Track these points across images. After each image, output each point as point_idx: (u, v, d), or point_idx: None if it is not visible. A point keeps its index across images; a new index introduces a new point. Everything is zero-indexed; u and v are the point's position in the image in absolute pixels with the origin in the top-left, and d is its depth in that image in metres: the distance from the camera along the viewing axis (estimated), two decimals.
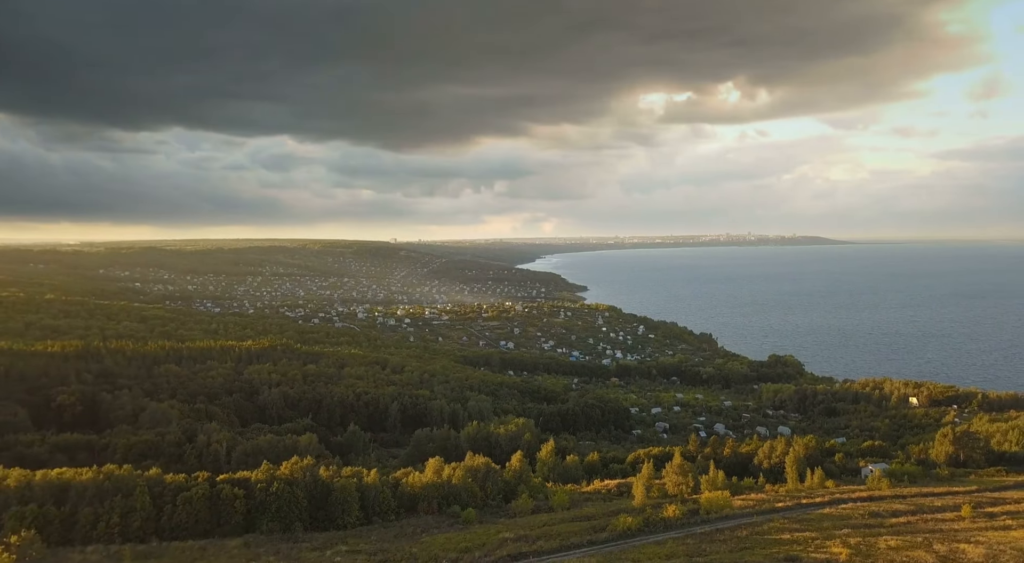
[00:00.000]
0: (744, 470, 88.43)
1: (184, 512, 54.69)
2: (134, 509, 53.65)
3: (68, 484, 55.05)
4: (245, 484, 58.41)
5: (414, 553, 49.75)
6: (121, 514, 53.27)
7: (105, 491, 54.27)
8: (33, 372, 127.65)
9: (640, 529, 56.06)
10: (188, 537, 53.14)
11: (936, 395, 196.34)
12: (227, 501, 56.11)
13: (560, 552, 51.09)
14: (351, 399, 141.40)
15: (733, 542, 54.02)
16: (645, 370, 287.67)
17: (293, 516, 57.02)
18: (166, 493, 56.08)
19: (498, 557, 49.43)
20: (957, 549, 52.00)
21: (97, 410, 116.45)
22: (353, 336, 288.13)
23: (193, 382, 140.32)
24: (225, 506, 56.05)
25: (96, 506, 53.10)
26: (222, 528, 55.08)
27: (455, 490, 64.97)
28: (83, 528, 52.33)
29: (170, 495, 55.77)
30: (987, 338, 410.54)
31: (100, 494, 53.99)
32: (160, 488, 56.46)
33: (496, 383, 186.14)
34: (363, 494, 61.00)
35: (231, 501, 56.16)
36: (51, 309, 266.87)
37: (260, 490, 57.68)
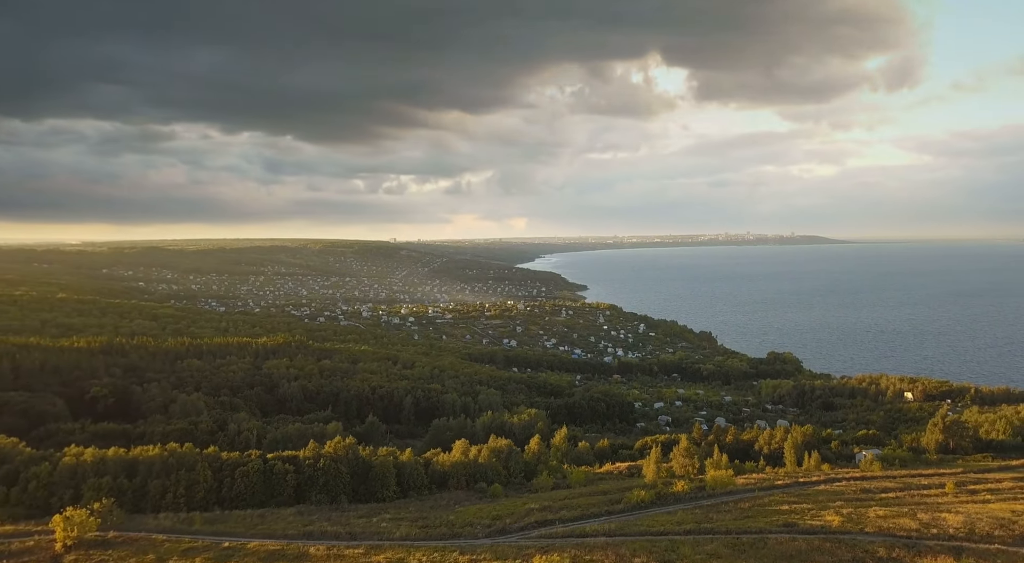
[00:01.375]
0: (746, 455, 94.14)
1: (242, 484, 60.27)
2: (197, 482, 59.22)
3: (137, 460, 60.60)
4: (294, 461, 64.05)
5: (451, 520, 55.41)
6: (186, 486, 58.85)
7: (170, 466, 59.82)
8: (66, 366, 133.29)
9: (652, 502, 61.68)
10: (246, 506, 58.74)
11: (930, 390, 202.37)
12: (279, 475, 61.70)
13: (581, 520, 56.73)
14: (367, 392, 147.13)
15: (737, 512, 59.72)
16: (646, 367, 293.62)
17: (338, 489, 62.64)
18: (224, 468, 61.65)
19: (526, 523, 55.09)
20: (938, 517, 57.71)
21: (128, 401, 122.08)
22: (360, 334, 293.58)
23: (216, 376, 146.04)
24: (278, 480, 61.64)
25: (163, 479, 58.67)
26: (276, 499, 60.69)
27: (481, 468, 70.62)
28: (153, 498, 57.91)
29: (228, 470, 61.35)
30: (983, 335, 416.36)
31: (166, 469, 59.54)
32: (218, 464, 62.04)
33: (504, 378, 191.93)
34: (399, 471, 66.66)
35: (283, 476, 61.76)
36: (64, 308, 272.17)
37: (308, 466, 63.28)
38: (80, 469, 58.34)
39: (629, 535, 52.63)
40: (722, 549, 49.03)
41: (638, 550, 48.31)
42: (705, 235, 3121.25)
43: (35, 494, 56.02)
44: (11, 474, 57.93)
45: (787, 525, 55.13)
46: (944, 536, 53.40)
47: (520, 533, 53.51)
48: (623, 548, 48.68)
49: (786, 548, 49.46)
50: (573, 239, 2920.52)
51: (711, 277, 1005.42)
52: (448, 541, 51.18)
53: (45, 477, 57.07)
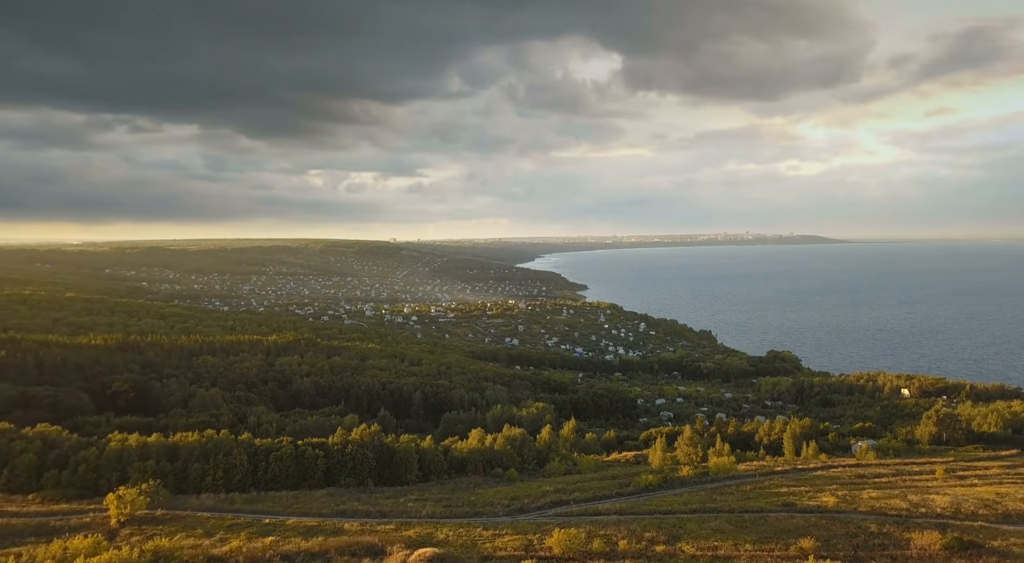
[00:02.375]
0: (746, 445, 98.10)
1: (276, 468, 64.12)
2: (235, 465, 63.05)
3: (178, 445, 64.47)
4: (324, 446, 67.96)
5: (472, 500, 59.34)
6: (224, 469, 62.70)
7: (208, 451, 63.67)
8: (86, 362, 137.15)
9: (659, 485, 65.62)
10: (280, 488, 62.61)
11: (927, 386, 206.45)
12: (310, 460, 65.58)
13: (594, 501, 60.67)
14: (377, 388, 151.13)
15: (739, 494, 63.71)
16: (647, 365, 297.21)
17: (365, 473, 66.51)
18: (259, 453, 65.51)
19: (543, 503, 59.03)
20: (927, 498, 61.77)
21: (148, 396, 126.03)
22: (364, 333, 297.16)
23: (231, 372, 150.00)
24: (309, 464, 65.51)
25: (203, 463, 62.53)
26: (307, 482, 64.53)
27: (497, 455, 74.54)
28: (193, 480, 61.76)
29: (263, 454, 65.22)
30: (980, 334, 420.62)
31: (204, 453, 63.38)
32: (252, 449, 65.89)
33: (509, 375, 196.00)
34: (421, 457, 70.57)
35: (314, 460, 65.64)
36: (74, 307, 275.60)
37: (337, 451, 67.18)
38: (126, 453, 62.21)
39: (639, 514, 56.67)
40: (725, 525, 52.97)
41: (648, 526, 52.26)
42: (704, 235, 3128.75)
43: (84, 476, 59.88)
44: (61, 458, 61.81)
45: (786, 505, 59.19)
46: (932, 515, 57.44)
47: (537, 512, 57.48)
48: (634, 524, 52.65)
49: (785, 524, 53.41)
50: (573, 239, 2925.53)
51: (710, 277, 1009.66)
52: (471, 519, 55.17)
53: (93, 461, 60.91)
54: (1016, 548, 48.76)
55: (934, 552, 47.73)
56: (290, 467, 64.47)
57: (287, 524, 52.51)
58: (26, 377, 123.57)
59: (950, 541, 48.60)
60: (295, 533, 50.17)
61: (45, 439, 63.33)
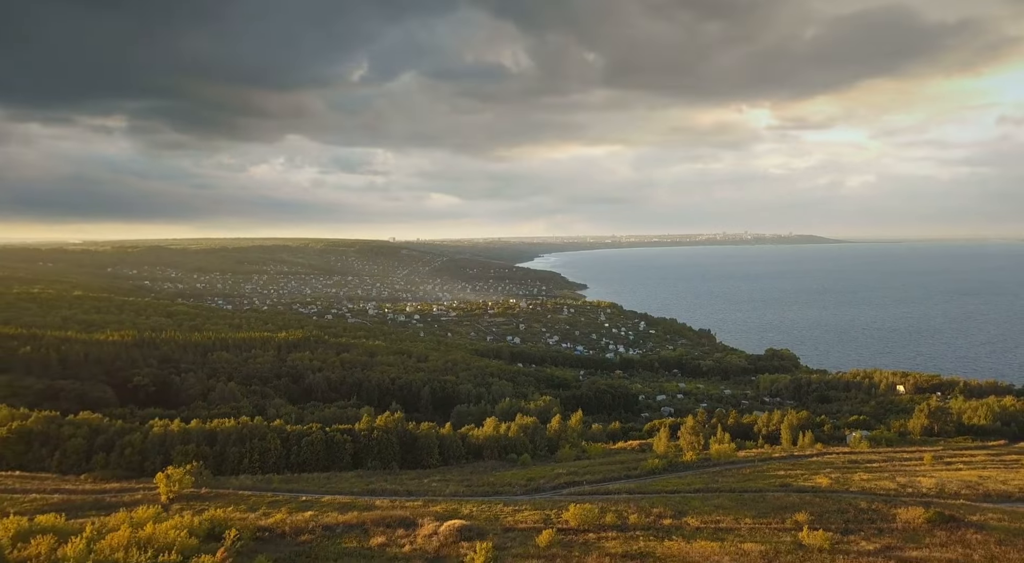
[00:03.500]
0: (745, 436, 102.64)
1: (307, 451, 68.52)
2: (269, 449, 67.45)
3: (216, 430, 68.83)
4: (351, 432, 72.37)
5: (491, 481, 63.75)
6: (259, 452, 67.09)
7: (244, 436, 68.05)
8: (107, 357, 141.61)
9: (664, 469, 70.08)
10: (312, 470, 66.94)
11: (921, 383, 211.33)
12: (339, 444, 69.97)
13: (604, 482, 65.09)
14: (387, 383, 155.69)
15: (739, 476, 68.21)
16: (647, 363, 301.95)
17: (390, 457, 70.93)
18: (291, 438, 69.93)
19: (557, 483, 63.48)
20: (914, 480, 66.33)
21: (167, 390, 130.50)
22: (369, 330, 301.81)
23: (245, 367, 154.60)
24: (338, 448, 69.90)
25: (239, 446, 66.91)
26: (336, 465, 68.95)
27: (511, 442, 79.00)
28: (231, 463, 66.15)
29: (295, 439, 69.65)
30: (976, 333, 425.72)
31: (241, 438, 67.77)
32: (285, 434, 70.29)
33: (513, 371, 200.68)
34: (441, 442, 75.00)
35: (342, 444, 70.05)
36: (83, 305, 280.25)
37: (364, 436, 71.61)
38: (168, 437, 66.62)
39: (646, 493, 61.19)
40: (727, 502, 57.48)
41: (655, 503, 56.75)
42: (703, 235, 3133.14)
43: (130, 458, 64.25)
44: (107, 442, 66.18)
45: (783, 485, 63.70)
46: (917, 494, 61.97)
47: (552, 491, 61.99)
48: (643, 501, 57.16)
49: (782, 501, 57.92)
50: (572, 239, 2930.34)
51: (709, 276, 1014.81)
52: (491, 497, 59.66)
53: (139, 444, 65.26)
54: (992, 522, 53.24)
55: (917, 525, 52.19)
56: (320, 451, 68.93)
57: (322, 501, 56.96)
58: (50, 372, 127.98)
59: (932, 515, 53.06)
60: (331, 508, 54.60)
61: (91, 425, 67.74)
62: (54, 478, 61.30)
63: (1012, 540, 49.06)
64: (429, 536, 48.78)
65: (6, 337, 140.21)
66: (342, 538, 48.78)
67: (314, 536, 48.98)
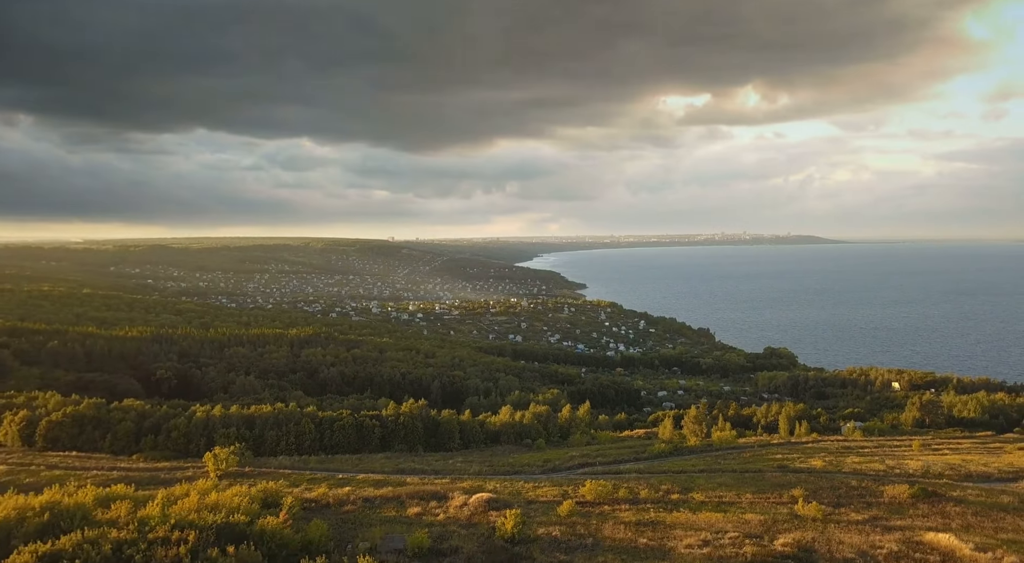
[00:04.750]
0: (745, 426, 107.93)
1: (339, 435, 73.58)
2: (304, 433, 72.48)
3: (254, 415, 73.88)
4: (379, 418, 77.48)
5: (511, 462, 68.83)
6: (295, 436, 72.12)
7: (280, 420, 73.07)
8: (129, 352, 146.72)
9: (671, 452, 75.18)
10: (344, 452, 71.99)
11: (916, 380, 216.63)
12: (368, 428, 75.04)
13: (615, 463, 70.23)
14: (397, 378, 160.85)
15: (740, 459, 73.33)
16: (648, 361, 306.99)
17: (415, 440, 76.02)
18: (324, 423, 75.00)
19: (571, 464, 68.59)
20: (901, 463, 71.52)
21: (189, 383, 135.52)
22: (374, 328, 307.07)
23: (262, 362, 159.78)
24: (367, 432, 74.96)
25: (276, 430, 71.91)
26: (366, 447, 73.96)
27: (526, 428, 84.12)
28: (269, 445, 71.16)
29: (327, 424, 74.71)
30: (973, 332, 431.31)
31: (277, 422, 72.78)
32: (318, 420, 75.35)
33: (518, 367, 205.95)
34: (461, 428, 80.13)
35: (371, 429, 75.12)
36: (93, 302, 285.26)
37: (391, 421, 76.72)
38: (211, 421, 71.64)
39: (655, 473, 66.28)
40: (729, 480, 62.62)
41: (663, 481, 61.88)
42: (702, 235, 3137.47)
43: (176, 441, 69.23)
44: (154, 426, 71.18)
45: (780, 467, 68.85)
46: (904, 474, 67.11)
47: (568, 471, 67.08)
48: (652, 479, 62.30)
49: (779, 480, 63.07)
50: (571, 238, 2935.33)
51: (708, 276, 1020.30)
52: (512, 475, 64.76)
53: (184, 428, 70.25)
54: (971, 497, 58.39)
55: (902, 499, 57.31)
56: (351, 434, 74.00)
57: (357, 478, 62.02)
58: (77, 365, 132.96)
59: (916, 491, 58.20)
60: (367, 485, 59.67)
61: (138, 411, 72.74)
62: (108, 458, 66.31)
63: (987, 512, 54.32)
64: (460, 507, 53.91)
65: (33, 332, 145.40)
66: (381, 508, 53.88)
67: (356, 507, 54.10)
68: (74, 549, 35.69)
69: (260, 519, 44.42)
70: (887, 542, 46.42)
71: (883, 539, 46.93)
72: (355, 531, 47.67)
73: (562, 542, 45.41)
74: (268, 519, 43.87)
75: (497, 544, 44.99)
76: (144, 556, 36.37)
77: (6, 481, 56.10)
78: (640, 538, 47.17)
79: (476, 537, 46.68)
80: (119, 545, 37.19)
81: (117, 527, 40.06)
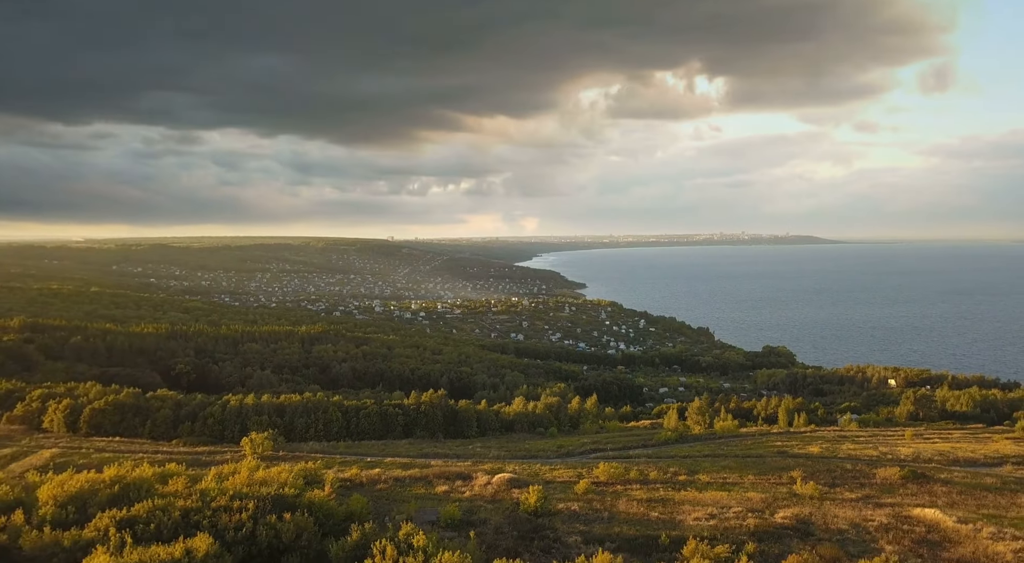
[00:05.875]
0: (746, 418, 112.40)
1: (365, 422, 77.90)
2: (332, 420, 76.79)
3: (284, 404, 78.24)
4: (401, 406, 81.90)
5: (527, 447, 73.16)
6: (323, 423, 76.47)
7: (309, 409, 77.43)
8: (149, 347, 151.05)
9: (676, 440, 79.58)
10: (369, 438, 76.35)
11: (912, 377, 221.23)
12: (392, 416, 79.39)
13: (624, 449, 74.56)
14: (407, 373, 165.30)
15: (742, 446, 77.78)
16: (649, 359, 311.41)
17: (436, 427, 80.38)
18: (350, 411, 79.36)
19: (584, 450, 72.95)
20: (894, 449, 75.99)
21: (207, 377, 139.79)
22: (379, 326, 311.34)
23: (275, 357, 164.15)
24: (391, 419, 79.30)
25: (305, 418, 76.26)
26: (390, 434, 78.28)
27: (538, 418, 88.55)
28: (299, 432, 75.48)
29: (353, 412, 79.07)
30: (968, 331, 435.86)
31: (306, 411, 77.12)
32: (344, 408, 79.72)
33: (523, 364, 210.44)
34: (478, 416, 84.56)
35: (395, 416, 79.48)
36: (102, 300, 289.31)
37: (413, 410, 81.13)
38: (243, 410, 75.96)
39: (663, 457, 70.67)
40: (732, 464, 67.04)
41: (671, 464, 66.31)
42: (700, 235, 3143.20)
43: (212, 427, 73.52)
44: (190, 414, 75.46)
45: (780, 452, 73.33)
46: (896, 459, 71.52)
47: (581, 456, 71.45)
48: (660, 462, 66.72)
49: (779, 463, 67.51)
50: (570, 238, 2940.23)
51: (707, 276, 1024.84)
52: (529, 459, 69.06)
53: (219, 415, 74.54)
54: (957, 479, 62.84)
55: (893, 481, 61.73)
56: (376, 422, 78.34)
57: (385, 461, 66.31)
58: (99, 359, 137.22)
59: (906, 473, 62.62)
60: (395, 467, 64.00)
61: (174, 399, 77.07)
62: (149, 443, 70.59)
63: (971, 491, 58.88)
64: (485, 485, 58.31)
65: (55, 328, 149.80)
66: (411, 487, 58.26)
67: (387, 485, 58.49)
68: (147, 515, 39.98)
69: (307, 492, 48.80)
70: (878, 516, 50.92)
71: (874, 513, 51.44)
72: (390, 506, 52.02)
73: (581, 515, 49.87)
74: (315, 492, 48.22)
75: (522, 516, 49.39)
76: (210, 521, 40.64)
77: (62, 461, 60.43)
78: (652, 512, 51.63)
79: (502, 510, 51.06)
80: (186, 512, 41.47)
81: (181, 497, 44.43)
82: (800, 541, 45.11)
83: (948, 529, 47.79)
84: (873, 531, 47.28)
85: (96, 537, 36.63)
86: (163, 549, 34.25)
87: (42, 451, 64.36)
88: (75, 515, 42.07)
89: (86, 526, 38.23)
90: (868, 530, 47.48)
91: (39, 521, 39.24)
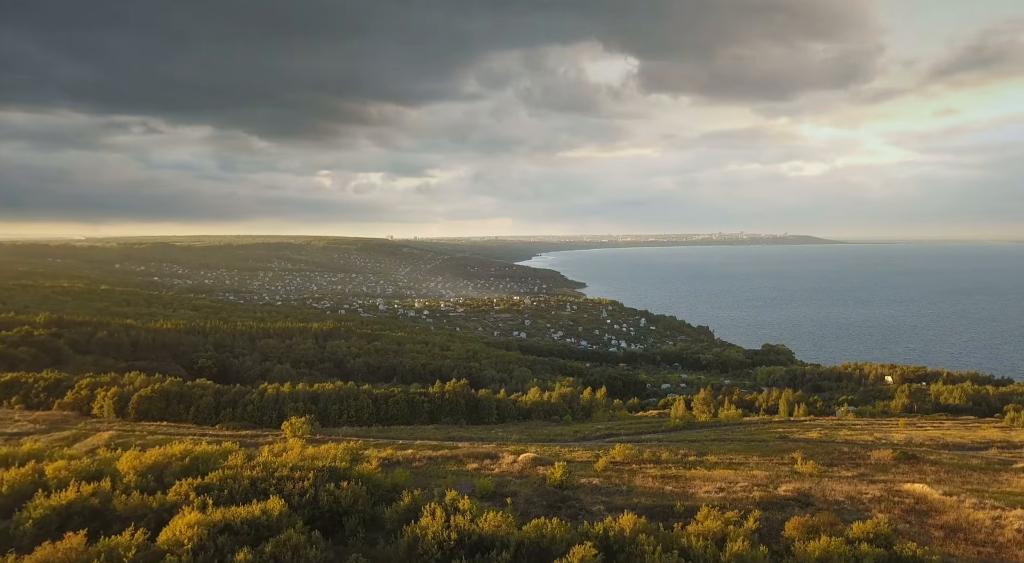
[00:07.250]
0: (748, 409, 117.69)
1: (394, 409, 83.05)
2: (363, 407, 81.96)
3: (318, 392, 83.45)
4: (427, 394, 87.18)
5: (545, 432, 78.35)
6: (355, 410, 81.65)
7: (341, 397, 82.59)
8: (171, 342, 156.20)
9: (684, 426, 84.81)
10: (398, 424, 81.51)
11: (908, 374, 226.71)
12: (418, 404, 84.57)
13: (636, 434, 79.77)
14: (418, 368, 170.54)
15: (746, 432, 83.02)
16: (650, 356, 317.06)
17: (459, 414, 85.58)
18: (378, 398, 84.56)
19: (598, 435, 78.17)
20: (888, 436, 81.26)
21: (227, 371, 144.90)
22: (384, 324, 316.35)
23: (292, 352, 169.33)
24: (417, 406, 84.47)
25: (338, 405, 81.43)
26: (416, 420, 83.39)
27: (553, 406, 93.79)
28: (332, 417, 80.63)
29: (382, 399, 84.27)
30: (966, 330, 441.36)
31: (338, 398, 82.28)
32: (373, 396, 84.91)
33: (530, 360, 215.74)
34: (497, 404, 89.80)
35: (420, 404, 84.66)
36: (113, 298, 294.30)
37: (437, 398, 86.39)
38: (280, 397, 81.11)
39: (673, 441, 75.97)
40: (738, 447, 72.24)
41: (681, 446, 71.46)
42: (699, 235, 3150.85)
43: (251, 414, 78.63)
44: (229, 401, 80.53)
45: (782, 437, 78.59)
46: (890, 443, 76.75)
47: (596, 440, 76.71)
48: (671, 445, 71.86)
49: (781, 446, 72.72)
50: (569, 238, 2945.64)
51: (707, 275, 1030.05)
52: (549, 442, 74.30)
53: (257, 402, 79.64)
54: (945, 460, 68.03)
55: (886, 461, 66.94)
56: (404, 408, 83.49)
57: (415, 444, 71.42)
58: (124, 354, 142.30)
59: (898, 454, 67.83)
60: (425, 448, 69.09)
61: (214, 388, 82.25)
62: (195, 427, 75.67)
63: (957, 470, 64.14)
64: (511, 463, 63.48)
65: (81, 324, 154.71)
66: (444, 465, 63.34)
67: (422, 463, 63.55)
68: (220, 482, 45.27)
69: (356, 466, 53.97)
70: (871, 490, 56.22)
71: (868, 488, 56.73)
72: (428, 480, 57.06)
73: (602, 488, 55.05)
74: (363, 465, 53.40)
75: (549, 489, 54.66)
76: (276, 488, 45.97)
77: (120, 442, 65.68)
78: (666, 487, 56.81)
79: (530, 484, 56.23)
80: (253, 480, 46.63)
81: (246, 469, 49.70)
82: (801, 509, 50.29)
83: (935, 501, 53.08)
84: (867, 502, 52.50)
85: (179, 500, 41.94)
86: (243, 509, 39.56)
87: (100, 433, 69.49)
88: (154, 483, 47.45)
89: (167, 492, 43.57)
90: (862, 501, 52.70)
91: (124, 488, 44.57)
